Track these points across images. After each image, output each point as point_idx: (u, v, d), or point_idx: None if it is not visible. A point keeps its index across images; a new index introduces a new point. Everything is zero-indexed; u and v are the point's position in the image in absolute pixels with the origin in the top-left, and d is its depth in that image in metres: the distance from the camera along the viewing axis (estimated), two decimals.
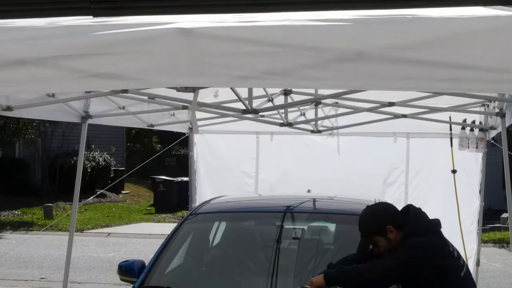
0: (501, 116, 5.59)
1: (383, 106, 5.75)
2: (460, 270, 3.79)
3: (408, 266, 3.71)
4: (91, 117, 6.03)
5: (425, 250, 3.72)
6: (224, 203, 5.66)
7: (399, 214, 3.93)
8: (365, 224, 3.93)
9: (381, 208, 3.98)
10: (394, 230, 3.83)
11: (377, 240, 3.86)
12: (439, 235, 3.86)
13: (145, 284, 4.66)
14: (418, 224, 3.84)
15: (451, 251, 3.80)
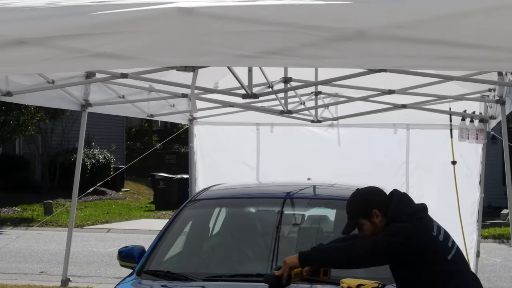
0: (501, 103, 5.59)
1: (383, 93, 5.75)
2: (447, 253, 3.75)
3: (386, 252, 3.70)
4: (91, 105, 6.03)
5: (404, 237, 3.69)
6: (224, 190, 5.67)
7: (386, 199, 3.90)
8: (352, 206, 3.92)
9: (369, 192, 3.97)
10: (380, 214, 3.81)
11: (362, 223, 3.83)
12: (423, 220, 3.81)
13: (144, 268, 4.67)
14: (401, 209, 3.82)
15: (434, 236, 3.74)
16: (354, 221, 3.89)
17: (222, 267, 4.76)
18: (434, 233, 3.77)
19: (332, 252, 3.88)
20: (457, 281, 3.75)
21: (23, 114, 20.51)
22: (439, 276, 3.72)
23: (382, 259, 3.79)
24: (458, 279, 3.77)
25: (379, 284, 4.21)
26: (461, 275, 3.80)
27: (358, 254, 3.76)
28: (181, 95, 6.03)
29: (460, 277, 3.78)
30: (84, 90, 5.95)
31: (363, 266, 3.91)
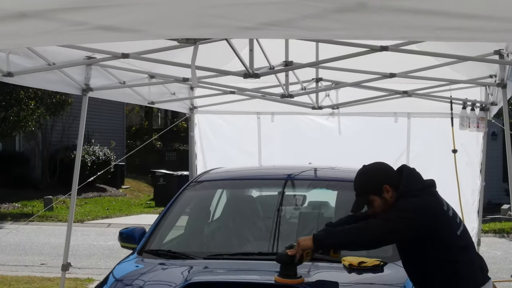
0: (502, 87, 5.58)
1: (384, 77, 5.74)
2: (456, 229, 3.74)
3: (400, 228, 3.65)
4: (91, 89, 6.02)
5: (417, 211, 3.66)
6: (224, 172, 5.67)
7: (395, 174, 3.85)
8: (361, 183, 3.84)
9: (378, 167, 3.89)
10: (391, 190, 3.76)
11: (372, 199, 3.77)
12: (433, 195, 3.79)
13: (145, 248, 4.67)
14: (411, 184, 3.77)
15: (445, 210, 3.73)
16: (364, 198, 3.81)
17: (223, 246, 4.76)
18: (445, 207, 3.75)
19: (347, 235, 3.78)
20: (465, 257, 3.74)
21: (23, 110, 20.49)
22: (450, 250, 3.69)
23: (399, 236, 3.73)
24: (468, 254, 3.76)
25: (381, 261, 4.21)
26: (470, 251, 3.80)
27: (375, 235, 3.69)
28: (182, 79, 6.01)
29: (469, 253, 3.78)
30: (84, 74, 5.94)
31: (381, 245, 3.83)
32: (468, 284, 3.70)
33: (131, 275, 4.33)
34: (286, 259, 3.80)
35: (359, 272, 4.11)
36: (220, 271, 4.32)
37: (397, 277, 4.03)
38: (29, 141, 24.48)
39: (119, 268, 4.44)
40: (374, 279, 4.08)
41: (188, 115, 8.51)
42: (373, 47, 4.63)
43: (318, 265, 4.21)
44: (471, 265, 3.74)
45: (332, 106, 7.78)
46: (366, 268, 4.13)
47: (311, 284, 3.82)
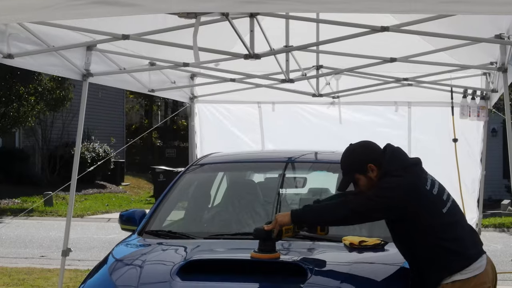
0: (503, 71, 5.56)
1: (385, 62, 5.73)
2: (442, 206, 3.72)
3: (378, 206, 3.68)
4: (91, 75, 6.00)
5: (396, 190, 3.67)
6: (224, 155, 5.66)
7: (381, 153, 3.86)
8: (346, 161, 3.89)
9: (363, 146, 3.91)
10: (375, 168, 3.78)
11: (357, 178, 3.81)
12: (415, 173, 3.78)
13: (146, 229, 4.66)
14: (394, 163, 3.78)
15: (427, 189, 3.72)
16: (350, 177, 3.86)
17: (223, 227, 4.76)
18: (427, 186, 3.74)
19: (324, 210, 3.84)
20: (452, 234, 3.73)
21: (23, 105, 20.48)
22: (434, 229, 3.70)
23: (377, 214, 3.77)
24: (454, 231, 3.75)
25: (381, 241, 4.20)
26: (457, 227, 3.78)
27: (352, 210, 3.73)
28: (182, 64, 6.00)
29: (455, 230, 3.76)
30: (85, 59, 5.93)
31: (358, 222, 3.91)
32: (458, 259, 3.69)
33: (131, 255, 4.32)
34: (262, 234, 3.81)
35: (359, 251, 4.10)
36: (220, 250, 4.32)
37: (397, 256, 4.02)
38: (29, 137, 24.46)
39: (119, 248, 4.43)
40: (375, 258, 4.07)
41: (188, 105, 8.50)
42: (373, 28, 4.62)
43: (318, 245, 4.21)
44: (461, 241, 3.73)
45: (332, 95, 7.77)
46: (367, 247, 4.12)
47: (312, 263, 3.81)
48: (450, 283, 3.69)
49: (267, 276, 3.71)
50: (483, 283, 3.73)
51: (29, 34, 5.11)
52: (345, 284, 3.64)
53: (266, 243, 3.81)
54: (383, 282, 3.79)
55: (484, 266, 3.76)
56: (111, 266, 4.06)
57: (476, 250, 3.78)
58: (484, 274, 3.75)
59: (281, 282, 3.68)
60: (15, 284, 8.83)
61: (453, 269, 3.70)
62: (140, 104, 45.54)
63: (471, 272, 3.71)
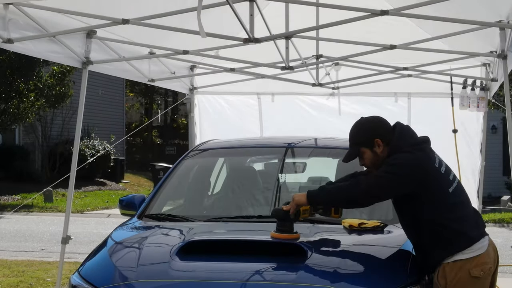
0: (503, 57, 5.56)
1: (385, 49, 5.73)
2: (448, 186, 3.75)
3: (389, 183, 3.70)
4: (91, 62, 5.99)
5: (406, 167, 3.69)
6: (224, 141, 5.67)
7: (390, 130, 3.88)
8: (354, 134, 3.92)
9: (373, 121, 3.95)
10: (382, 144, 3.81)
11: (363, 151, 3.84)
12: (425, 151, 3.81)
13: (145, 212, 4.66)
14: (403, 140, 3.80)
15: (436, 167, 3.75)
16: (356, 149, 3.89)
17: (223, 210, 4.77)
18: (436, 164, 3.77)
19: (338, 191, 3.86)
20: (457, 214, 3.75)
21: (23, 102, 20.48)
22: (439, 207, 3.72)
23: (388, 191, 3.77)
24: (460, 211, 3.77)
25: (381, 223, 4.21)
26: (461, 208, 3.80)
27: (364, 190, 3.75)
28: (182, 52, 6.01)
29: (461, 209, 3.79)
30: (85, 47, 5.93)
31: (370, 201, 3.88)
32: (460, 239, 3.71)
33: (131, 237, 4.33)
34: (281, 214, 3.87)
35: (359, 233, 4.11)
36: (220, 232, 4.32)
37: (396, 238, 4.04)
38: (29, 134, 24.46)
39: (118, 231, 4.44)
40: (374, 239, 4.07)
41: (187, 96, 8.50)
42: (373, 11, 4.62)
43: (318, 227, 4.22)
44: (464, 221, 3.75)
45: (332, 86, 7.78)
46: (366, 229, 4.12)
47: (311, 244, 3.82)
48: (451, 263, 3.71)
49: (266, 256, 3.71)
50: (485, 263, 3.75)
51: (28, 20, 5.11)
52: (344, 264, 3.65)
53: (285, 223, 3.86)
54: (382, 262, 3.79)
55: (486, 247, 3.77)
56: (110, 248, 4.07)
57: (479, 231, 3.79)
58: (486, 255, 3.76)
59: (280, 262, 3.68)
60: (15, 275, 8.83)
61: (455, 248, 3.71)
62: (140, 102, 45.56)
63: (473, 252, 3.72)
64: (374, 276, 3.60)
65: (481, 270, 3.72)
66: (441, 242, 3.71)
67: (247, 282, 3.49)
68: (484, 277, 3.76)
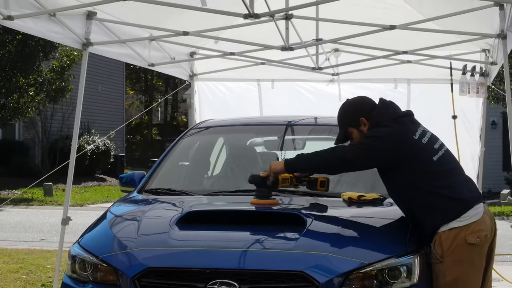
0: (502, 37, 5.56)
1: (384, 29, 5.74)
2: (432, 155, 3.80)
3: (365, 154, 3.80)
4: (91, 44, 5.99)
5: (383, 139, 3.78)
6: (223, 120, 5.68)
7: (373, 107, 3.98)
8: (340, 115, 4.05)
9: (357, 101, 4.08)
10: (367, 122, 3.91)
11: (351, 132, 3.95)
12: (404, 124, 3.88)
13: (145, 187, 4.67)
14: (384, 115, 3.90)
15: (415, 139, 3.80)
16: (343, 130, 4.00)
17: (223, 184, 4.79)
18: (415, 136, 3.83)
19: (314, 157, 3.95)
20: (444, 181, 3.79)
21: (23, 97, 20.48)
22: (424, 176, 3.76)
23: (363, 162, 3.85)
24: (446, 179, 3.80)
25: (380, 196, 4.22)
26: (450, 175, 3.83)
27: (340, 157, 3.84)
28: (182, 33, 6.02)
29: (448, 177, 3.81)
30: (85, 28, 5.94)
31: (346, 169, 3.97)
32: (452, 205, 3.74)
33: (131, 209, 4.35)
34: (258, 180, 3.96)
35: (358, 205, 4.12)
36: (219, 203, 4.34)
37: (396, 210, 4.05)
38: (29, 130, 24.47)
39: (118, 204, 4.46)
40: (373, 210, 4.09)
41: (188, 82, 8.51)
42: None
43: (318, 200, 4.23)
44: (453, 188, 3.78)
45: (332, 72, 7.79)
46: (366, 202, 4.14)
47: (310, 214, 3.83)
48: (447, 231, 3.73)
49: (266, 225, 3.73)
50: (481, 231, 3.76)
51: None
52: (343, 233, 3.67)
53: (261, 189, 3.94)
54: (381, 231, 3.82)
55: (481, 214, 3.79)
56: (110, 220, 4.09)
57: (472, 197, 3.80)
58: (482, 222, 3.78)
59: (280, 231, 3.70)
60: (14, 262, 8.84)
61: (449, 215, 3.73)
62: (140, 100, 45.59)
63: (468, 219, 3.74)
64: (373, 244, 3.62)
65: (477, 237, 3.74)
66: (433, 210, 3.74)
67: (247, 250, 3.50)
68: (481, 245, 3.78)
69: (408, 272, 3.53)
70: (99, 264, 3.64)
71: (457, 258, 3.70)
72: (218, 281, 3.35)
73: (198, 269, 3.42)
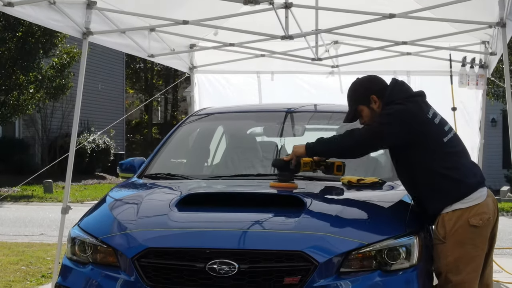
0: (502, 26, 5.57)
1: (384, 17, 5.75)
2: (443, 135, 3.83)
3: (381, 133, 3.81)
4: (91, 33, 6.01)
5: (397, 117, 3.78)
6: (222, 107, 5.68)
7: (385, 86, 4.00)
8: (351, 93, 4.05)
9: (367, 79, 4.09)
10: (378, 100, 3.92)
11: (361, 109, 3.95)
12: (417, 102, 3.90)
13: (145, 173, 4.68)
14: (396, 94, 3.91)
15: (428, 117, 3.84)
16: (354, 108, 3.99)
17: (223, 169, 4.80)
18: (429, 115, 3.85)
19: (333, 141, 3.99)
20: (452, 163, 3.81)
21: (23, 94, 20.48)
22: (434, 156, 3.78)
23: (379, 141, 3.86)
24: (454, 161, 3.83)
25: (379, 179, 4.23)
26: (458, 158, 3.86)
27: (356, 140, 3.86)
28: (182, 22, 6.03)
29: (456, 159, 3.84)
30: (85, 17, 5.95)
31: (362, 150, 3.97)
32: (457, 187, 3.76)
33: (130, 193, 4.35)
34: (281, 163, 4.01)
35: (358, 188, 4.13)
36: (219, 187, 4.35)
37: (395, 192, 4.07)
38: (29, 128, 24.47)
39: (117, 189, 4.47)
40: (373, 193, 4.10)
41: (187, 75, 8.52)
42: None
43: (317, 183, 4.24)
44: (460, 170, 3.81)
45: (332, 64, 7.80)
46: (365, 185, 4.15)
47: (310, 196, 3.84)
48: (450, 212, 3.75)
49: (265, 207, 3.73)
50: (483, 213, 3.78)
51: None
52: (342, 214, 3.68)
53: (284, 173, 3.99)
54: (380, 212, 3.82)
55: (485, 197, 3.81)
56: (110, 204, 4.10)
57: (476, 181, 3.82)
58: (485, 205, 3.80)
59: (279, 212, 3.71)
60: (14, 255, 8.84)
61: (453, 197, 3.75)
62: (140, 99, 45.60)
63: (471, 201, 3.76)
64: (372, 225, 3.63)
65: (480, 219, 3.76)
66: (439, 191, 3.76)
67: (246, 231, 3.51)
68: (483, 227, 3.79)
69: (407, 253, 3.54)
70: (99, 246, 3.65)
71: (459, 239, 3.71)
72: (218, 261, 3.36)
73: (197, 249, 3.43)
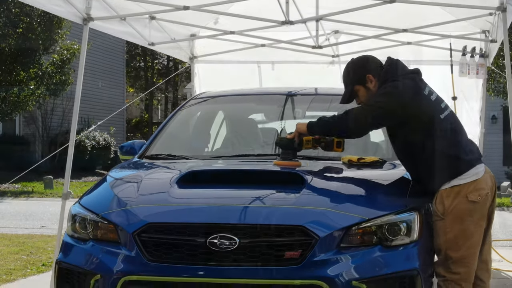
0: (502, 10, 5.58)
1: (385, 2, 5.75)
2: (439, 112, 3.84)
3: (377, 110, 3.81)
4: (92, 19, 6.01)
5: (393, 94, 3.80)
6: (223, 91, 5.69)
7: (380, 65, 4.01)
8: (346, 74, 4.04)
9: (362, 59, 4.09)
10: (374, 79, 3.92)
11: (357, 89, 3.95)
12: (414, 80, 3.91)
13: (146, 154, 4.68)
14: (392, 71, 3.92)
15: (424, 94, 3.85)
16: (350, 88, 4.00)
17: (223, 150, 4.81)
18: (425, 92, 3.87)
19: (332, 120, 4.00)
20: (451, 139, 3.83)
21: (23, 90, 20.48)
22: (432, 132, 3.78)
23: (377, 119, 3.87)
24: (451, 137, 3.84)
25: (380, 159, 4.24)
26: (455, 133, 3.87)
27: (353, 118, 3.87)
28: (182, 7, 6.03)
29: (454, 135, 3.86)
30: (86, 3, 5.95)
31: (360, 129, 3.98)
32: (455, 164, 3.77)
33: (131, 172, 4.35)
34: (285, 142, 4.04)
35: (358, 167, 4.13)
36: (220, 165, 4.36)
37: (395, 171, 4.08)
38: (29, 125, 24.48)
39: (117, 168, 4.47)
40: (373, 172, 4.10)
41: (188, 65, 8.52)
42: None
43: (317, 162, 4.25)
44: (458, 147, 3.81)
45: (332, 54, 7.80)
46: (365, 164, 4.15)
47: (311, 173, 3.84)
48: (449, 188, 3.75)
49: (266, 184, 3.74)
50: (481, 189, 3.78)
51: None
52: (342, 190, 3.69)
53: (288, 151, 4.03)
54: (381, 189, 3.83)
55: (482, 173, 3.81)
56: (111, 182, 4.11)
57: (473, 157, 3.84)
58: (482, 180, 3.80)
59: (280, 189, 3.71)
60: (15, 245, 8.85)
61: (451, 173, 3.76)
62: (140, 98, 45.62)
63: (469, 177, 3.76)
64: (373, 201, 3.65)
65: (478, 195, 3.76)
66: (436, 168, 3.76)
67: (247, 206, 3.51)
68: (482, 203, 3.79)
69: (408, 229, 3.54)
70: (100, 222, 3.65)
71: (458, 215, 3.72)
72: (218, 236, 3.36)
73: (198, 224, 3.44)
